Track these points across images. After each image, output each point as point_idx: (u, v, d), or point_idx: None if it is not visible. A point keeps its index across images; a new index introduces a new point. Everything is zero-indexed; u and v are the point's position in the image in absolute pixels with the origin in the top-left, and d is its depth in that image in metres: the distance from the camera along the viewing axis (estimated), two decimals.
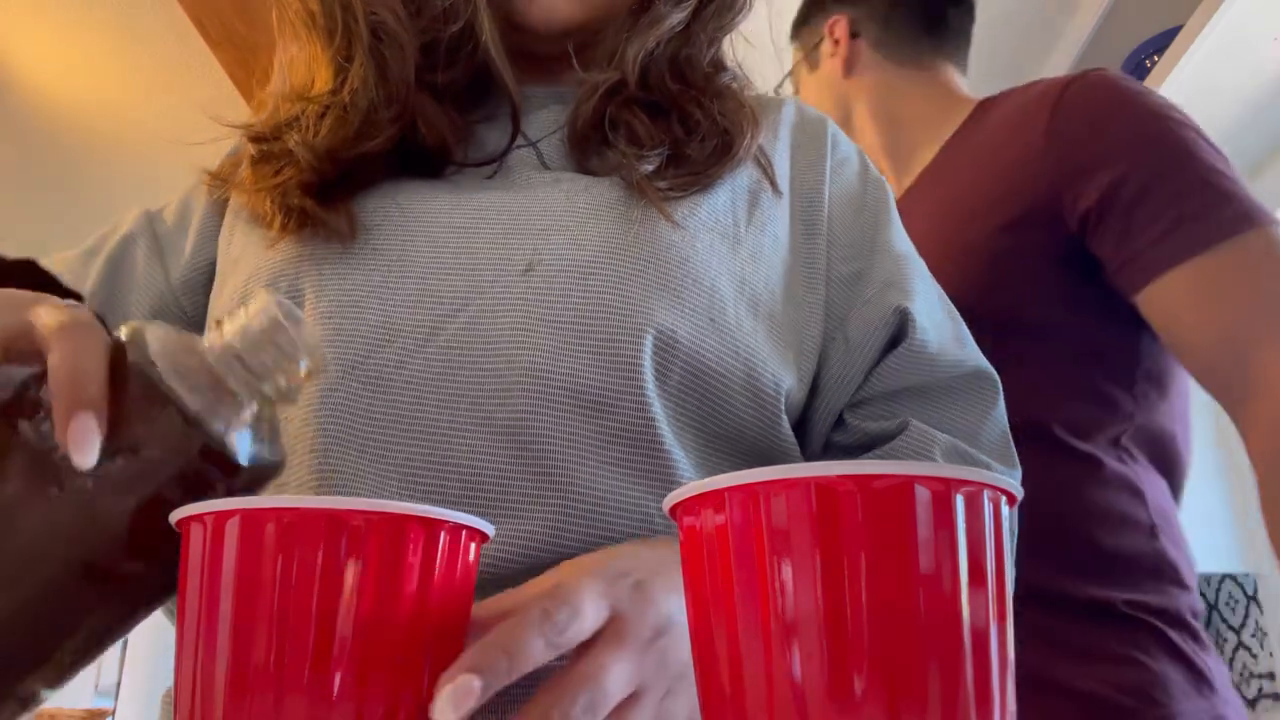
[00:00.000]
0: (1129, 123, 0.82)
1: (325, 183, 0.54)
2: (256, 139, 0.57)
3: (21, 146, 2.60)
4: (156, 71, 2.30)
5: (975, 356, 0.60)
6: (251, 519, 0.30)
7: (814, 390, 0.57)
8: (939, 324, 0.59)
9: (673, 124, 0.57)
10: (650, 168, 0.53)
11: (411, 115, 0.55)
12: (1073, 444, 0.82)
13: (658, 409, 0.48)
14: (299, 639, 0.29)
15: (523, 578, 0.44)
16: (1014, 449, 0.58)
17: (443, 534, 0.32)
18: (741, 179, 0.58)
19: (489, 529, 0.34)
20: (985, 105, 1.01)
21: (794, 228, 0.59)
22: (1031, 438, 0.80)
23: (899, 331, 0.57)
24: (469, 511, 0.44)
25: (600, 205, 0.53)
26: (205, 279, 0.59)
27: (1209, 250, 0.75)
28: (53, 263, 0.58)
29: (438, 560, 0.32)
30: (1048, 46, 2.36)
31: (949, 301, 0.62)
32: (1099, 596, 0.79)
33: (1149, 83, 1.77)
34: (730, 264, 0.53)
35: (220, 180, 0.59)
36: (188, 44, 2.04)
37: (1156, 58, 1.85)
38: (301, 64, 0.58)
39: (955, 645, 0.26)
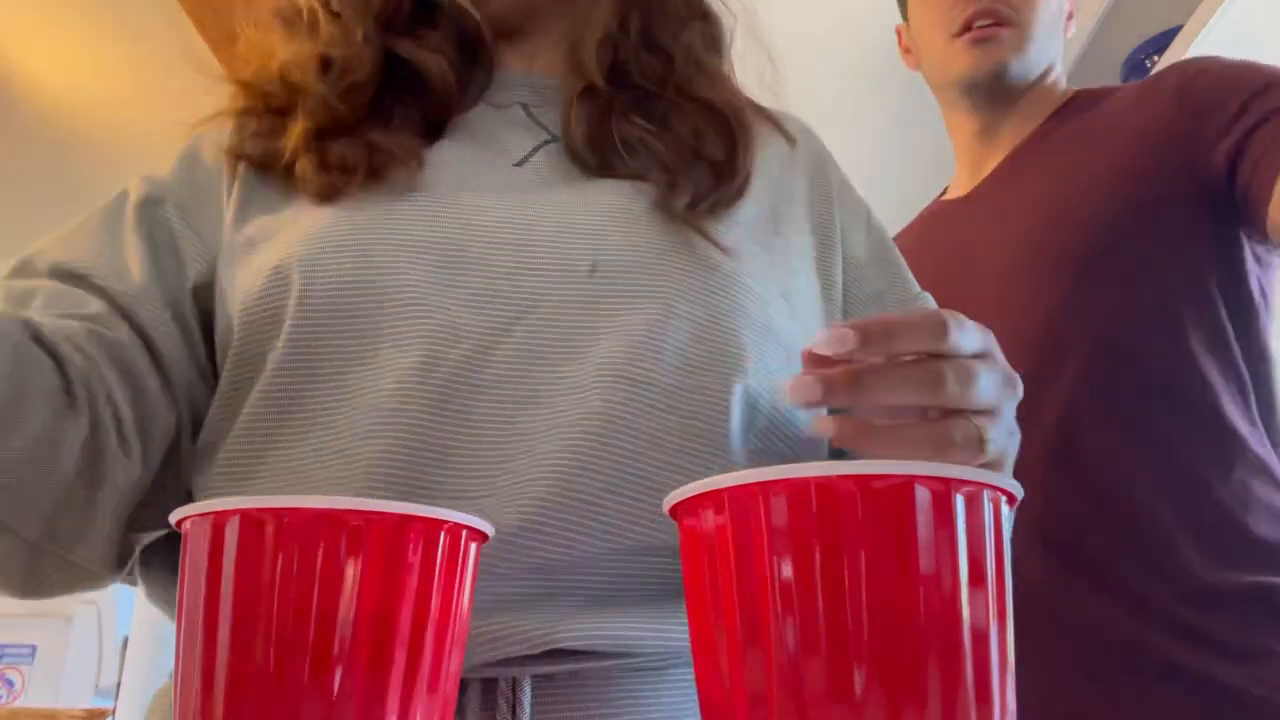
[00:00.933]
0: (1249, 68, 0.90)
1: (349, 124, 0.54)
2: (269, 98, 0.57)
3: (21, 146, 2.60)
4: (157, 71, 2.30)
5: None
6: (251, 519, 0.30)
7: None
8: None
9: (671, 129, 0.57)
10: (685, 199, 0.54)
11: (382, 58, 0.57)
12: (1218, 414, 0.85)
13: (737, 417, 0.49)
14: (299, 639, 0.29)
15: (591, 568, 0.45)
16: None
17: (443, 534, 0.32)
18: (762, 181, 0.58)
19: (489, 529, 0.34)
20: (1085, 94, 1.05)
21: (815, 239, 0.60)
22: (1179, 406, 0.84)
23: None
24: (554, 510, 0.45)
25: (637, 211, 0.53)
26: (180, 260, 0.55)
27: None
28: (67, 251, 0.53)
29: (438, 560, 0.32)
30: None
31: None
32: (1249, 584, 0.80)
33: None
34: (770, 273, 0.54)
35: (239, 150, 0.57)
36: (188, 44, 2.04)
37: (1156, 58, 1.85)
38: (278, 54, 0.59)
39: (955, 645, 0.26)
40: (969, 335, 0.39)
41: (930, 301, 0.62)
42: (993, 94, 1.05)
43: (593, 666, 0.45)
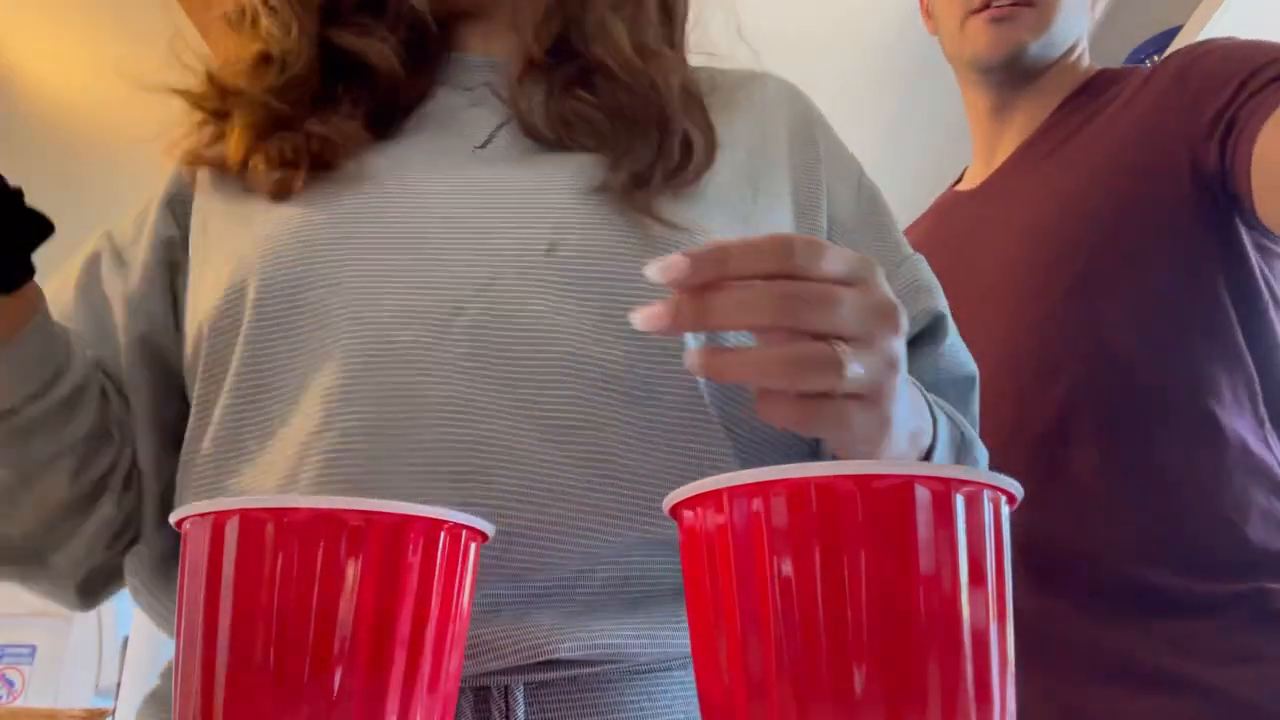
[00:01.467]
0: (1254, 46, 0.87)
1: (288, 118, 0.54)
2: (208, 85, 0.58)
3: (21, 146, 2.59)
4: (157, 71, 2.29)
5: (969, 361, 0.61)
6: (251, 519, 0.30)
7: None
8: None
9: (614, 96, 0.56)
10: (628, 175, 0.52)
11: (326, 49, 0.57)
12: (1217, 423, 0.83)
13: (706, 395, 0.48)
14: (299, 639, 0.29)
15: (573, 570, 0.45)
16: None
17: (443, 534, 0.32)
18: (739, 151, 0.57)
19: (489, 529, 0.34)
20: (1107, 75, 1.01)
21: (795, 203, 0.58)
22: (1182, 408, 0.82)
23: (928, 332, 0.58)
24: (513, 494, 0.44)
25: (588, 190, 0.52)
26: (165, 269, 0.57)
27: None
28: (46, 298, 0.55)
29: (438, 560, 0.32)
30: None
31: (942, 303, 0.63)
32: (1246, 590, 0.79)
33: None
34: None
35: (197, 156, 0.58)
36: (188, 44, 2.04)
37: (1156, 58, 1.85)
38: (233, 53, 0.60)
39: (955, 644, 0.26)
40: (829, 259, 0.36)
41: (921, 264, 0.61)
42: (1010, 74, 1.00)
43: (587, 673, 0.44)
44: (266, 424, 0.47)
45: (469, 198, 0.51)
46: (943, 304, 0.59)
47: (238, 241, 0.52)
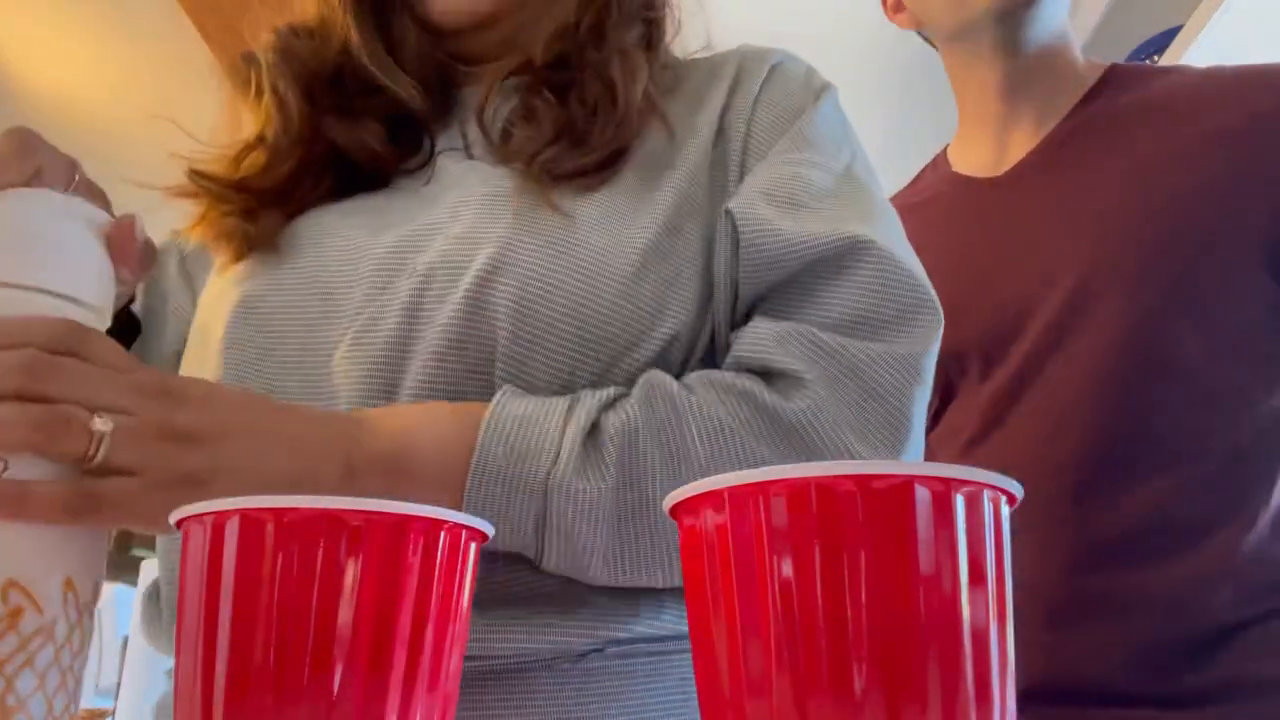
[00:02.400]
0: None
1: (245, 210, 0.56)
2: (181, 195, 0.59)
3: None
4: (156, 72, 2.30)
5: (841, 228, 0.52)
6: (251, 519, 0.30)
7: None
8: (794, 205, 0.54)
9: (571, 102, 0.56)
10: (548, 154, 0.53)
11: (313, 138, 0.58)
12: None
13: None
14: (299, 639, 0.29)
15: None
16: (882, 323, 0.51)
17: (443, 534, 0.32)
18: (650, 141, 0.57)
19: (489, 529, 0.34)
20: (1124, 72, 0.98)
21: (707, 161, 0.57)
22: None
23: (736, 236, 0.53)
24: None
25: (489, 198, 0.52)
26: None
27: None
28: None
29: (438, 560, 0.32)
30: None
31: (826, 177, 0.56)
32: None
33: None
34: (626, 237, 0.51)
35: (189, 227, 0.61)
36: (188, 44, 2.04)
37: (1156, 58, 1.85)
38: (239, 121, 0.62)
39: (955, 645, 0.26)
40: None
41: (860, 182, 0.57)
42: (1023, 32, 0.94)
43: (497, 664, 0.45)
44: None
45: (366, 231, 0.54)
46: (743, 197, 0.54)
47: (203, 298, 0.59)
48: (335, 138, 0.58)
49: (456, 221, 0.52)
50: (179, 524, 0.32)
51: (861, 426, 0.47)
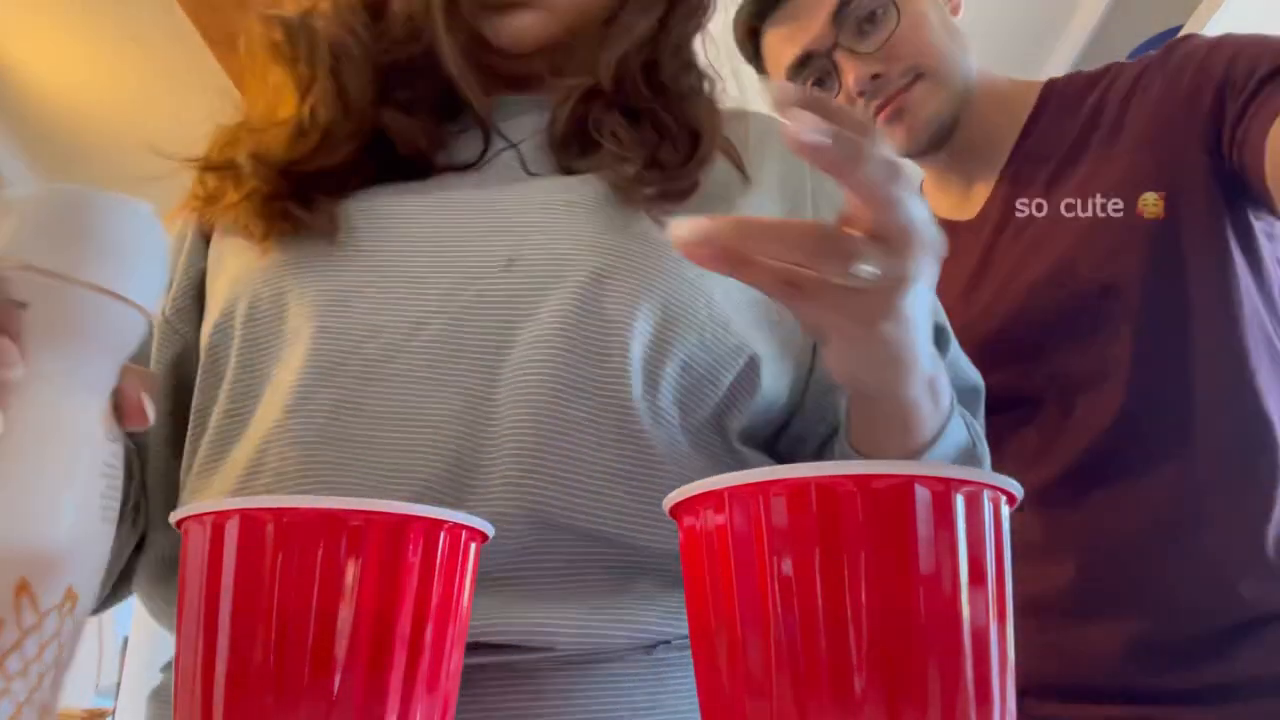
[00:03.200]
0: (1256, 44, 0.88)
1: (293, 193, 0.55)
2: (209, 168, 0.57)
3: (21, 146, 2.60)
4: (156, 72, 2.30)
5: (975, 373, 0.60)
6: (251, 519, 0.30)
7: (828, 390, 0.57)
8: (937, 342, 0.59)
9: (645, 129, 0.58)
10: (631, 170, 0.54)
11: (372, 130, 0.57)
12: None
13: (638, 395, 0.49)
14: (299, 639, 0.29)
15: (501, 563, 0.46)
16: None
17: (443, 534, 0.32)
18: (718, 181, 0.58)
19: (489, 529, 0.34)
20: (1060, 87, 0.98)
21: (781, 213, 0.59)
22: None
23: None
24: (451, 494, 0.46)
25: (578, 203, 0.53)
26: (195, 300, 0.59)
27: None
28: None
29: (438, 560, 0.32)
30: (1048, 46, 2.36)
31: (943, 316, 0.62)
32: None
33: None
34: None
35: (204, 202, 0.59)
36: (187, 44, 2.04)
37: None
38: (266, 92, 0.59)
39: (955, 645, 0.26)
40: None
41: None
42: (940, 140, 0.97)
43: (520, 659, 0.45)
44: (243, 429, 0.51)
45: (436, 217, 0.54)
46: (943, 317, 0.59)
47: (236, 267, 0.55)
48: (392, 129, 0.57)
49: (547, 219, 0.53)
50: (179, 524, 0.32)
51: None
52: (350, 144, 0.56)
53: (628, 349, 0.49)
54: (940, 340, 0.59)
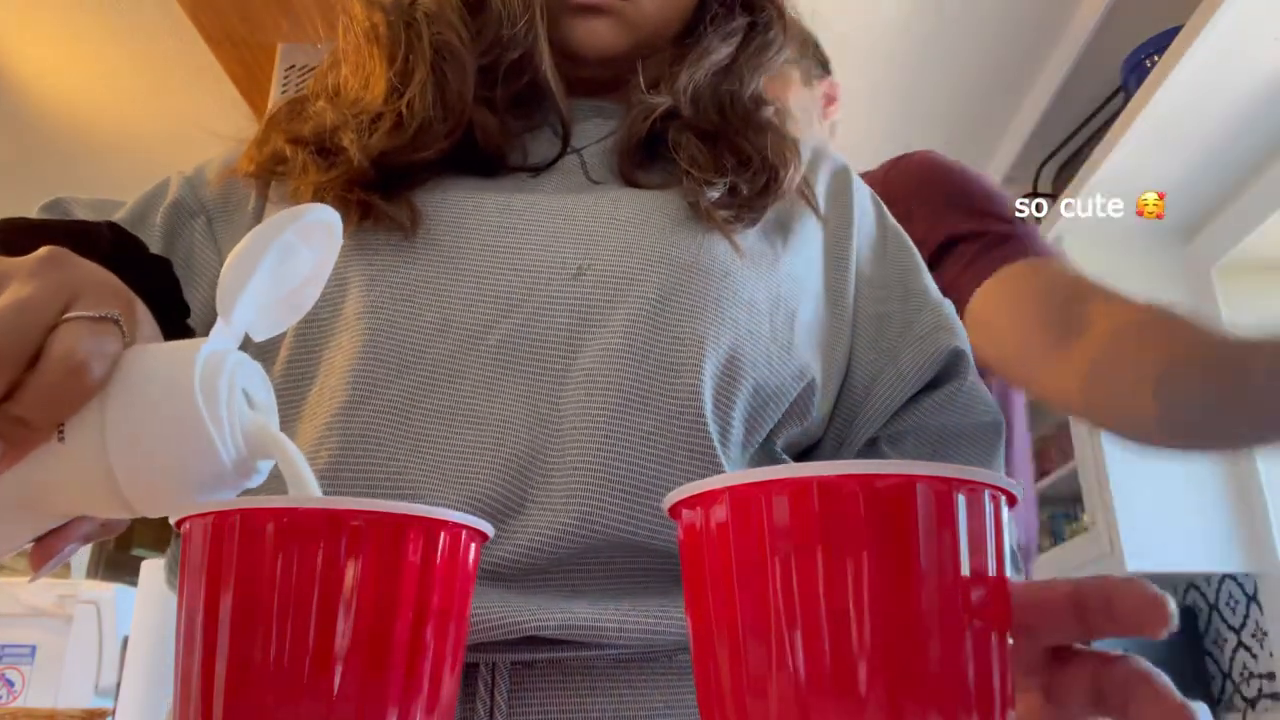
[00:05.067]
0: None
1: (377, 183, 0.55)
2: (297, 142, 0.57)
3: (21, 146, 2.60)
4: (156, 71, 2.30)
5: (994, 408, 0.61)
6: (251, 519, 0.30)
7: (852, 414, 0.58)
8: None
9: (723, 154, 0.58)
10: (715, 194, 0.55)
11: (465, 127, 0.57)
12: None
13: (709, 411, 0.49)
14: (299, 639, 0.29)
15: (553, 565, 0.46)
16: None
17: (443, 534, 0.32)
18: (782, 207, 0.59)
19: (489, 529, 0.34)
20: None
21: (826, 260, 0.60)
22: None
23: (947, 370, 0.59)
24: (509, 501, 0.46)
25: (648, 216, 0.54)
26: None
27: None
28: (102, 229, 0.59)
29: (438, 560, 0.32)
30: (1048, 46, 2.36)
31: None
32: None
33: (1149, 83, 1.77)
34: (770, 282, 0.55)
35: (267, 171, 0.58)
36: (187, 44, 2.04)
37: (1156, 58, 1.85)
38: (359, 74, 0.59)
39: (957, 644, 0.26)
40: None
41: (945, 307, 0.61)
42: None
43: (571, 656, 0.45)
44: (299, 408, 0.50)
45: (506, 219, 0.54)
46: (964, 342, 0.60)
47: None
48: (479, 126, 0.58)
49: (617, 232, 0.53)
50: (178, 524, 0.32)
51: None
52: (445, 141, 0.56)
53: (701, 366, 0.49)
54: (957, 367, 0.59)
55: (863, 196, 0.66)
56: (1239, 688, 1.97)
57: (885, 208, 0.67)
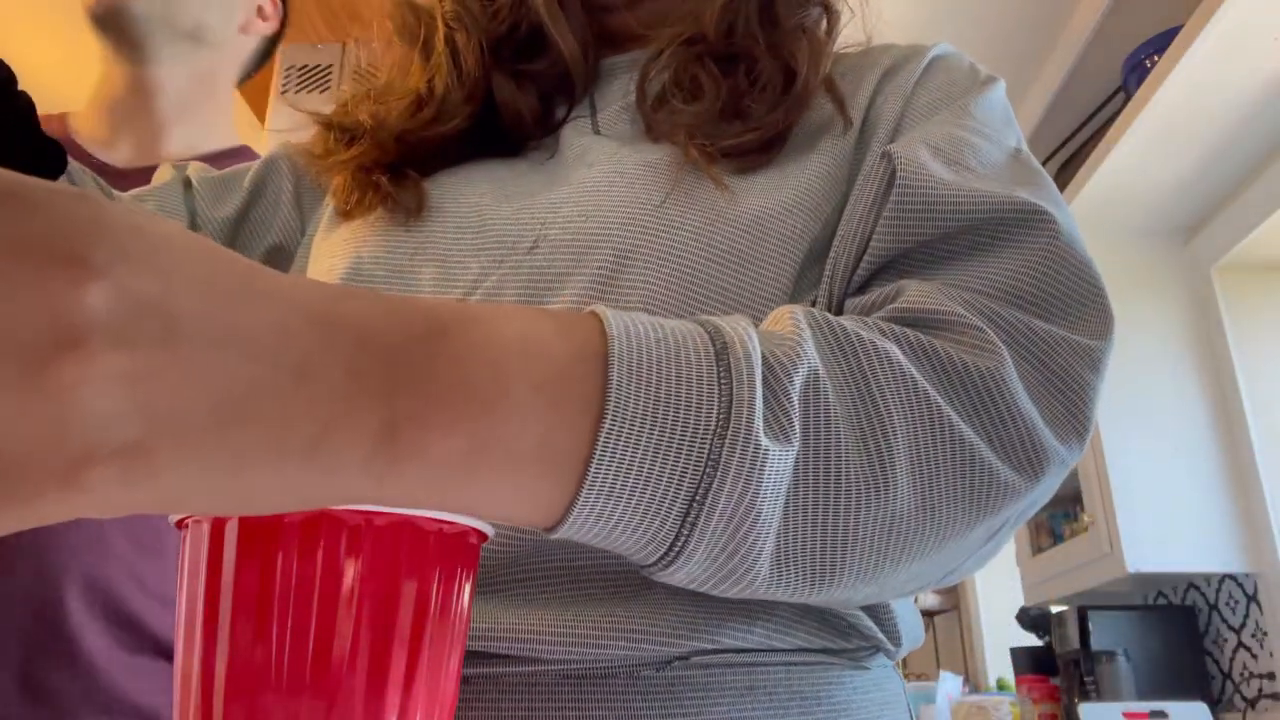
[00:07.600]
0: None
1: (398, 161, 0.55)
2: (327, 125, 0.58)
3: None
4: None
5: (1016, 194, 0.45)
6: (251, 519, 0.30)
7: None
8: (961, 165, 0.47)
9: (739, 76, 0.53)
10: (708, 128, 0.50)
11: (483, 98, 0.57)
12: None
13: None
14: (299, 639, 0.29)
15: (493, 564, 0.43)
16: (1049, 306, 0.42)
17: (443, 534, 0.32)
18: (813, 123, 0.53)
19: (488, 529, 0.34)
20: None
21: (856, 155, 0.52)
22: None
23: (890, 179, 0.47)
24: None
25: (624, 172, 0.50)
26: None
27: None
28: (190, 169, 0.64)
29: (438, 560, 0.32)
30: (1048, 46, 2.36)
31: (1001, 148, 0.50)
32: None
33: (1149, 83, 1.78)
34: (759, 214, 0.48)
35: (316, 159, 0.59)
36: None
37: (1156, 58, 1.85)
38: (400, 68, 0.61)
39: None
40: None
41: (1033, 165, 0.50)
42: None
43: (508, 672, 0.42)
44: None
45: (483, 198, 0.53)
46: (910, 144, 0.49)
47: (326, 247, 0.57)
48: (501, 96, 0.57)
49: (582, 194, 0.50)
50: (178, 525, 0.32)
51: (1049, 414, 0.40)
52: (463, 110, 0.56)
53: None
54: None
55: (942, 61, 0.55)
56: (1239, 688, 1.97)
57: (999, 88, 0.54)
